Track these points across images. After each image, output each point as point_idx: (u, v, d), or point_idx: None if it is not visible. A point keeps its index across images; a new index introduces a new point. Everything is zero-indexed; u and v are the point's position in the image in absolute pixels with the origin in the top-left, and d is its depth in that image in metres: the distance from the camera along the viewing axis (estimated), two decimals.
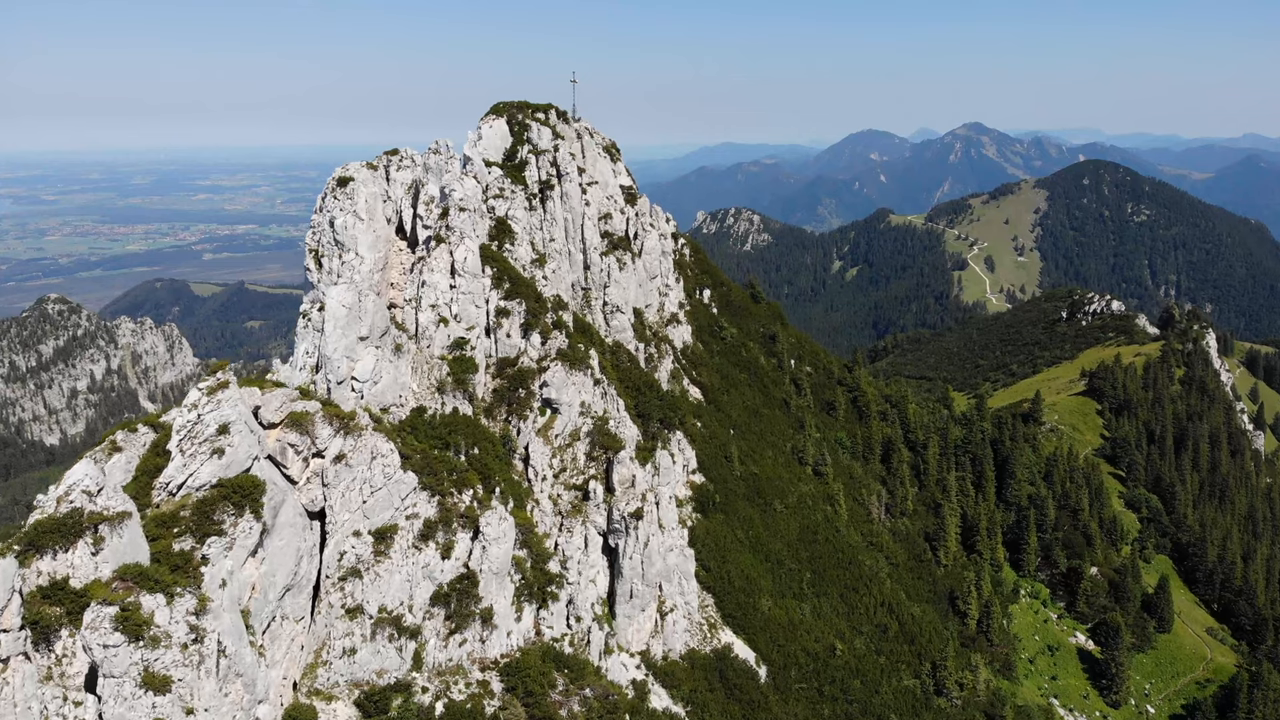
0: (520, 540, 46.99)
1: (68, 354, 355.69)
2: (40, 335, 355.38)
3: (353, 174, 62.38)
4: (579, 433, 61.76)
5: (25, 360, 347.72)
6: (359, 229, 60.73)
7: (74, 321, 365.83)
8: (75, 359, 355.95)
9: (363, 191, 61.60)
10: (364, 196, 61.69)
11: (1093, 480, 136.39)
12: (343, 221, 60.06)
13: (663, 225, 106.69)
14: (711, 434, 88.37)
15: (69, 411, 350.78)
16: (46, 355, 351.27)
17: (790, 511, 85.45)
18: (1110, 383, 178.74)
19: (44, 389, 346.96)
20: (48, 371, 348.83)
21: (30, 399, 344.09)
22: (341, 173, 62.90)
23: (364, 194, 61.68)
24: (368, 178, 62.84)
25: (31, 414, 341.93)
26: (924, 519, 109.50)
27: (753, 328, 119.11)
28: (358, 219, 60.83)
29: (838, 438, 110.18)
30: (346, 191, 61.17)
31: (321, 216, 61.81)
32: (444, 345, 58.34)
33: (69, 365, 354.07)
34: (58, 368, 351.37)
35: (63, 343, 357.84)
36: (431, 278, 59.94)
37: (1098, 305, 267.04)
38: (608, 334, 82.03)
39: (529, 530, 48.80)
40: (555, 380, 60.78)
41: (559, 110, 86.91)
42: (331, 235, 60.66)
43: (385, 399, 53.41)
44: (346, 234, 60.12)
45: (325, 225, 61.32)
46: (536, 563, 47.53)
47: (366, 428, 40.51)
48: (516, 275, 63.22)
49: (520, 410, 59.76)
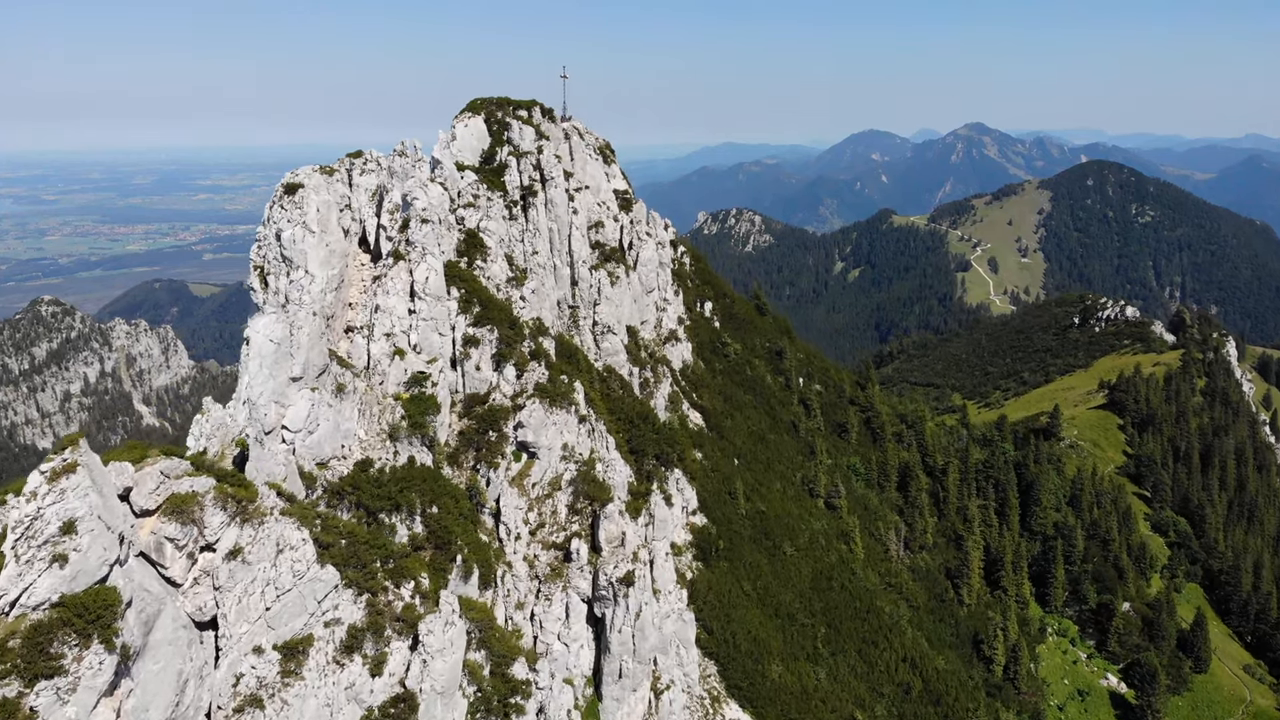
0: (478, 638, 38.20)
1: (61, 357, 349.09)
2: (33, 337, 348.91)
3: (302, 180, 53.68)
4: (560, 481, 52.93)
5: (18, 363, 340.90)
6: (309, 243, 52.03)
7: (68, 324, 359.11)
8: (69, 362, 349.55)
9: (313, 200, 52.88)
10: (315, 205, 52.98)
11: (1120, 504, 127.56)
12: (290, 234, 51.38)
13: (660, 233, 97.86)
14: (714, 466, 79.57)
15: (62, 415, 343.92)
16: (40, 358, 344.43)
17: (802, 554, 76.62)
18: (1132, 396, 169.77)
19: (37, 392, 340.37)
20: (41, 374, 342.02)
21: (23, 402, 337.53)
22: (290, 178, 54.24)
23: (315, 202, 52.96)
24: (320, 184, 54.08)
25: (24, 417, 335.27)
26: (945, 552, 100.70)
27: (758, 342, 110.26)
28: (307, 231, 52.13)
29: (851, 464, 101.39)
30: (295, 200, 52.49)
31: (268, 229, 53.16)
32: (399, 382, 49.52)
33: (62, 368, 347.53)
34: (51, 370, 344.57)
35: (56, 345, 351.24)
36: (387, 301, 51.14)
37: (1111, 311, 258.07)
38: (597, 357, 73.19)
39: (488, 627, 39.91)
40: (532, 420, 51.96)
41: (544, 108, 78.03)
42: (278, 250, 52.00)
43: (323, 451, 44.56)
44: (294, 248, 51.44)
45: (271, 239, 52.65)
46: (498, 667, 38.69)
47: (271, 512, 31.64)
48: (488, 297, 54.39)
49: (491, 456, 50.90)
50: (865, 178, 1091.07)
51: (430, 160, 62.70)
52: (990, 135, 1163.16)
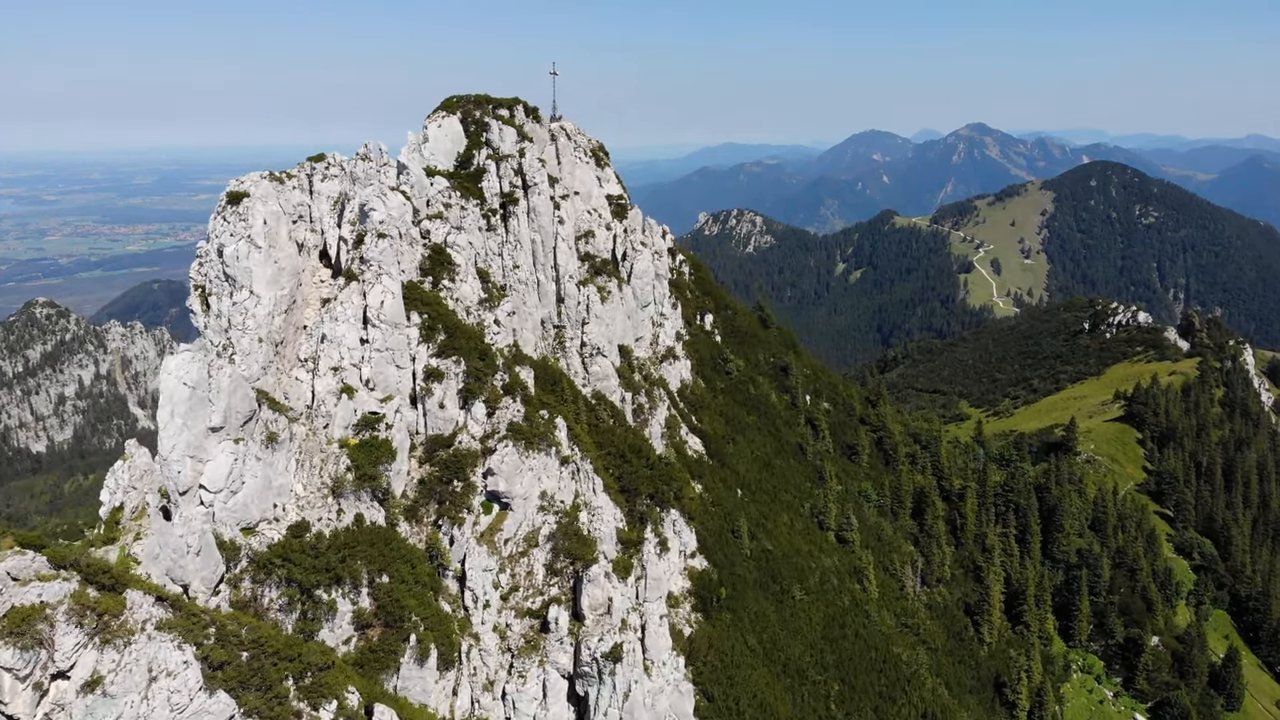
0: None
1: (55, 359, 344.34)
2: (28, 340, 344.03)
3: (248, 188, 46.68)
4: (537, 536, 45.74)
5: (12, 365, 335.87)
6: (254, 259, 44.96)
7: (62, 326, 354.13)
8: (63, 364, 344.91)
9: (259, 211, 45.83)
10: (262, 217, 45.93)
11: (1144, 527, 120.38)
12: (233, 250, 44.37)
13: (657, 241, 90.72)
14: (715, 499, 72.40)
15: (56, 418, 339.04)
16: (34, 360, 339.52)
17: (812, 598, 69.45)
18: (1151, 408, 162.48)
19: (31, 395, 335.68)
20: (35, 377, 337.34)
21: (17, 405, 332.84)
22: (234, 186, 47.26)
23: (262, 213, 45.90)
24: (268, 192, 47.01)
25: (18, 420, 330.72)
26: (963, 585, 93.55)
27: (761, 357, 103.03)
28: (253, 246, 45.07)
29: (862, 490, 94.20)
30: (239, 211, 45.49)
31: (210, 243, 46.18)
32: (348, 425, 42.34)
33: (56, 371, 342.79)
34: (45, 373, 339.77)
35: (50, 347, 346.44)
36: (335, 330, 43.95)
37: (1123, 316, 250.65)
38: (585, 383, 65.97)
39: None
40: (505, 466, 44.76)
41: (528, 107, 70.82)
42: (220, 267, 44.92)
43: (249, 513, 37.40)
44: (238, 266, 44.39)
45: (213, 255, 45.61)
46: None
47: (142, 628, 24.48)
48: (456, 322, 47.17)
49: (455, 509, 43.71)
50: (866, 178, 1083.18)
51: (396, 165, 55.56)
52: (992, 135, 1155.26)
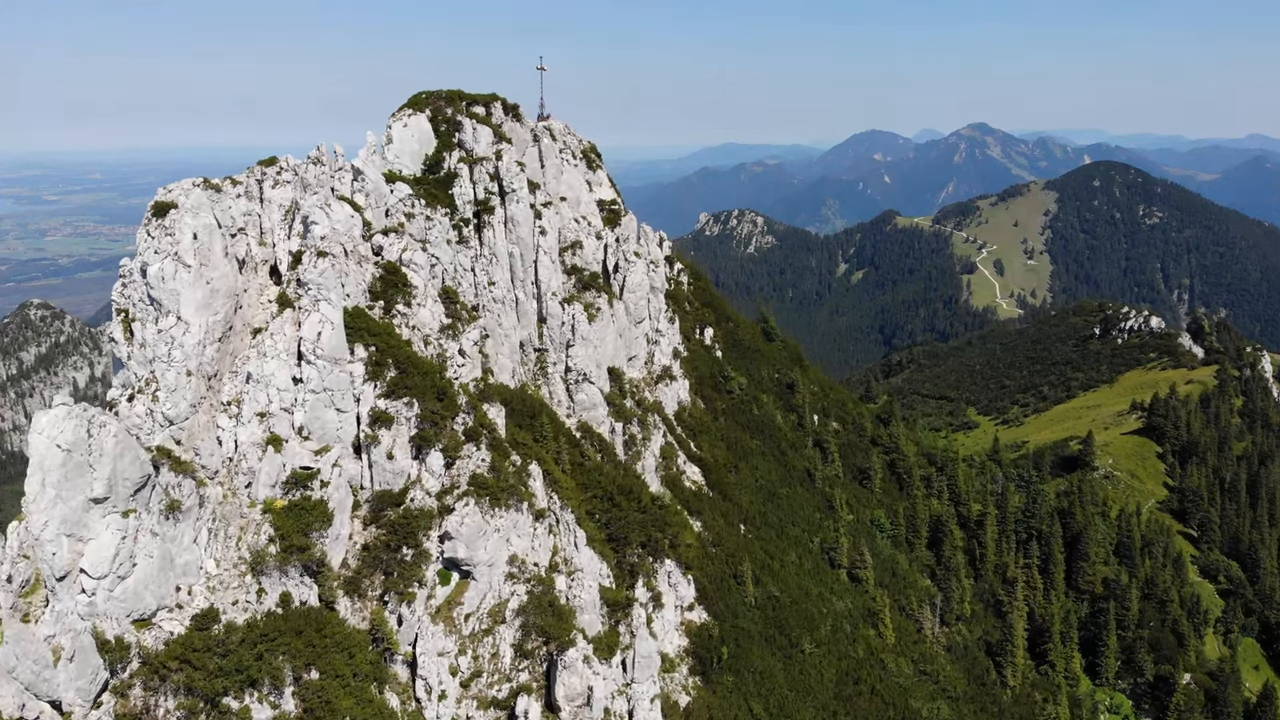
0: None
1: (50, 361, 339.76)
2: (22, 342, 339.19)
3: (176, 197, 39.81)
4: (504, 610, 38.74)
5: (6, 368, 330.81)
6: (181, 280, 38.08)
7: (57, 328, 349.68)
8: (58, 366, 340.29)
9: (189, 224, 38.96)
10: (191, 230, 39.07)
11: (1170, 551, 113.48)
12: (158, 269, 37.55)
13: (654, 250, 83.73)
14: (716, 537, 65.40)
15: None
16: (28, 363, 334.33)
17: (824, 651, 62.48)
18: (1172, 421, 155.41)
19: (25, 397, 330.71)
20: (29, 379, 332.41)
21: (10, 408, 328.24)
22: (161, 196, 40.43)
23: (191, 227, 39.03)
24: (200, 203, 40.12)
25: (11, 424, 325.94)
26: (984, 622, 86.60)
27: (765, 374, 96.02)
28: (180, 265, 38.24)
29: (875, 518, 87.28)
30: (165, 225, 38.54)
31: (134, 261, 39.45)
32: (274, 483, 35.36)
33: (50, 373, 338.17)
34: (39, 375, 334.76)
35: (45, 349, 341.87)
36: (263, 368, 37.00)
37: (1134, 321, 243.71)
38: (570, 413, 58.99)
39: None
40: (465, 528, 37.78)
41: (507, 104, 63.77)
42: (145, 290, 38.06)
43: (142, 602, 30.45)
44: (163, 288, 37.54)
45: (136, 275, 38.82)
46: None
47: None
48: (410, 356, 40.15)
49: (405, 582, 36.71)
50: (868, 178, 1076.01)
51: (352, 169, 48.63)
52: (993, 135, 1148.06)
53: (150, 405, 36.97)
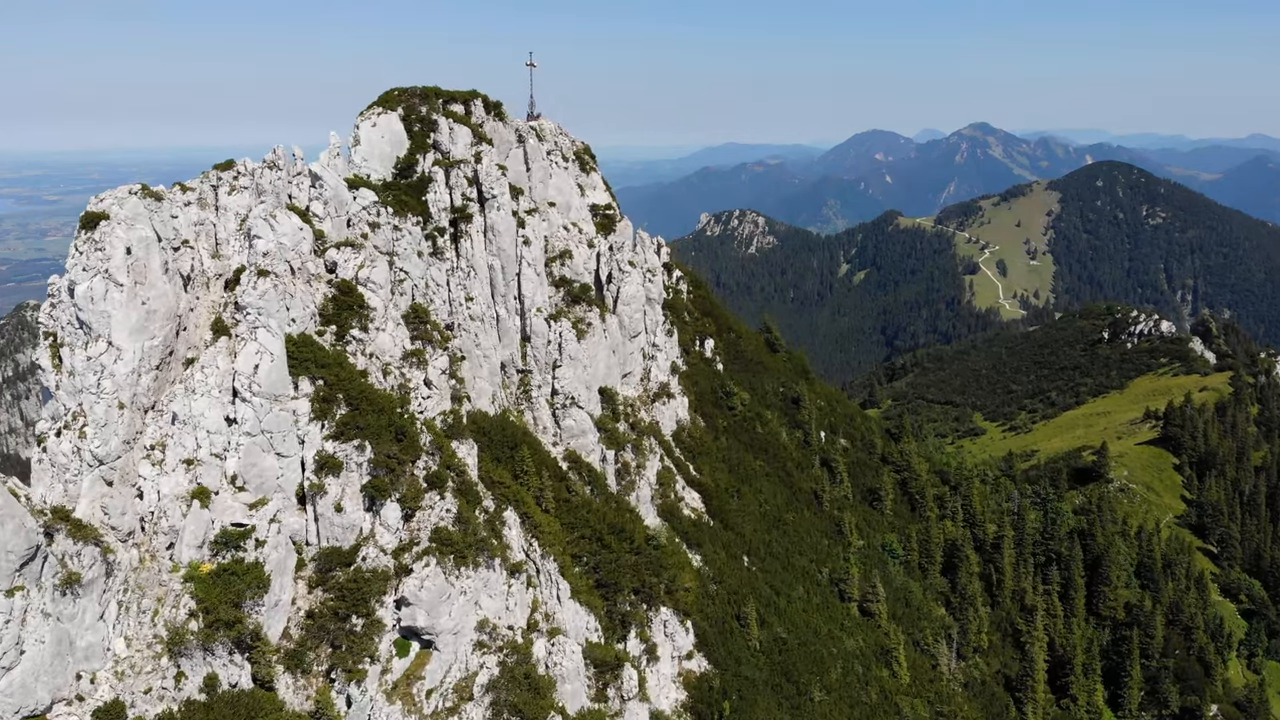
0: None
1: None
2: (18, 344, 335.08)
3: (108, 207, 34.80)
4: (471, 685, 33.55)
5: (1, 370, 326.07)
6: (112, 300, 33.06)
7: None
8: None
9: (121, 237, 33.96)
10: (124, 244, 34.03)
11: (1192, 572, 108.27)
12: (86, 289, 32.40)
13: (650, 257, 78.53)
14: (717, 573, 60.25)
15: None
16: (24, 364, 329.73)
17: (834, 698, 57.31)
18: (1189, 430, 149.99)
19: (20, 400, 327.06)
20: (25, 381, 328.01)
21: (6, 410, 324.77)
22: (93, 206, 35.51)
23: (124, 241, 34.02)
24: (135, 213, 35.11)
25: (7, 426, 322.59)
26: (1002, 654, 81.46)
27: (769, 387, 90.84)
28: (111, 284, 33.20)
29: (886, 543, 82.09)
30: (94, 238, 33.48)
31: (64, 280, 34.40)
32: (201, 543, 30.19)
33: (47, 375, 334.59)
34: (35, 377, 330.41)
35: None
36: (190, 407, 31.84)
37: (1144, 325, 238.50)
38: (557, 440, 53.82)
39: None
40: (426, 593, 32.60)
41: (488, 101, 58.57)
42: (74, 311, 32.98)
43: (34, 696, 25.26)
44: (92, 309, 32.50)
45: (64, 295, 33.75)
46: None
47: None
48: (363, 389, 34.96)
49: (355, 657, 31.53)
50: (869, 178, 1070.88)
51: (310, 174, 43.46)
52: (995, 135, 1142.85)
53: (77, 442, 32.02)
